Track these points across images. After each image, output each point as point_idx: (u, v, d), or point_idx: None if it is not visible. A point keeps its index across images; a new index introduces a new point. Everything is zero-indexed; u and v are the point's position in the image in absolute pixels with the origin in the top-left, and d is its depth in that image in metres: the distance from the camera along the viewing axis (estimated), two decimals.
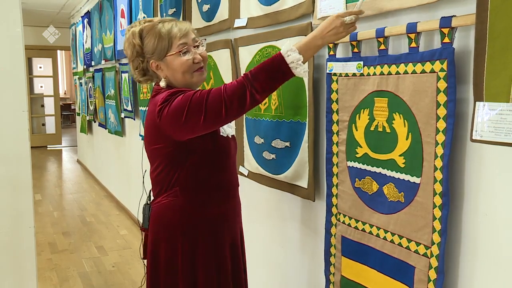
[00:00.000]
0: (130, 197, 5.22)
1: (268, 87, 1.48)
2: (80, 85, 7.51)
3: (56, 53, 10.89)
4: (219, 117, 1.49)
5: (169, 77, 1.68)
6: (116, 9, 4.87)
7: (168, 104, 1.55)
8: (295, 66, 1.46)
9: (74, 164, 8.82)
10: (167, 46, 1.63)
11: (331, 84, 1.77)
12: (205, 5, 2.77)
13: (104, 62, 5.54)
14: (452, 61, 1.33)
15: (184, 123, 1.53)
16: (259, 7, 2.21)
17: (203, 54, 1.70)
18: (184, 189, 1.69)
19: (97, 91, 6.10)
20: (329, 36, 1.47)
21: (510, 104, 1.16)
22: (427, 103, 1.41)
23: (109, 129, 5.62)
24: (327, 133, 1.82)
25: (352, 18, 1.46)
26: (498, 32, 1.17)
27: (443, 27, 1.34)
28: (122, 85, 4.80)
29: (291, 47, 1.47)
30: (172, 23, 1.65)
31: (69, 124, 14.62)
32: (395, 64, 1.51)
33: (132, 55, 1.70)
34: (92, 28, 6.21)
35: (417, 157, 1.45)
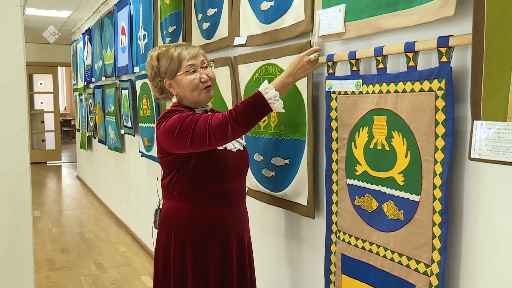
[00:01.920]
0: (130, 214, 5.20)
1: (248, 121, 1.68)
2: (80, 101, 7.54)
3: (57, 69, 10.96)
4: (203, 143, 1.70)
5: (179, 94, 1.89)
6: (116, 27, 4.91)
7: (165, 120, 1.78)
8: (273, 102, 1.66)
9: (73, 180, 8.81)
10: (177, 67, 1.85)
11: (330, 102, 1.79)
12: (205, 23, 2.79)
13: (105, 79, 5.57)
14: (450, 80, 1.34)
15: (174, 141, 1.75)
16: (259, 26, 2.23)
17: (210, 75, 1.89)
18: (181, 193, 1.88)
19: (97, 108, 6.12)
20: (298, 74, 1.71)
21: (507, 123, 1.17)
22: (426, 121, 1.41)
23: (109, 145, 5.63)
24: (326, 151, 1.83)
25: (315, 56, 1.69)
26: (494, 52, 1.18)
27: (441, 47, 1.35)
28: (122, 102, 4.82)
29: (268, 85, 1.68)
30: (183, 47, 1.88)
31: (69, 140, 14.63)
32: (393, 82, 1.52)
33: (151, 75, 1.94)
34: (93, 45, 6.25)
35: (416, 175, 1.46)
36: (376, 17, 1.57)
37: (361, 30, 1.64)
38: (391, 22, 1.52)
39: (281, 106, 1.68)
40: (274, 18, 2.10)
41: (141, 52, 4.06)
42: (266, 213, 2.41)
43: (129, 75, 4.61)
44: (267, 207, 2.35)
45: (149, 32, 3.83)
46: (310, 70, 1.72)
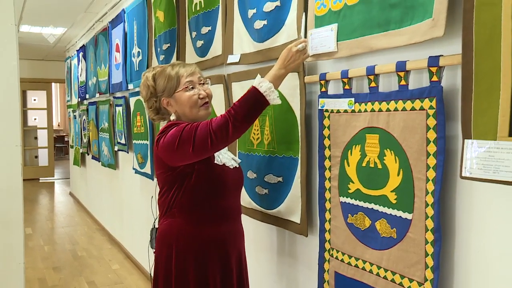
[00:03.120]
0: (123, 231, 5.17)
1: (248, 117, 1.69)
2: (74, 118, 7.53)
3: (51, 85, 10.95)
4: (206, 147, 1.69)
5: (178, 111, 1.90)
6: (111, 44, 4.94)
7: (164, 134, 1.78)
8: (269, 94, 1.68)
9: (66, 196, 8.76)
10: (175, 84, 1.87)
11: (323, 120, 1.80)
12: (199, 41, 2.81)
13: (99, 95, 5.58)
14: (440, 99, 1.36)
15: (176, 151, 1.74)
16: (252, 44, 2.25)
17: (208, 91, 1.92)
18: (181, 210, 1.86)
19: (91, 124, 6.12)
20: (289, 65, 1.74)
21: (497, 142, 1.18)
22: (417, 139, 1.43)
23: (103, 162, 5.61)
24: (319, 169, 1.83)
25: (303, 45, 1.74)
26: (483, 72, 1.20)
27: (431, 66, 1.37)
28: (116, 118, 4.82)
29: (261, 79, 1.71)
30: (180, 65, 1.91)
31: (62, 156, 14.57)
32: (385, 101, 1.53)
33: (146, 96, 1.94)
34: (87, 61, 6.27)
35: (408, 193, 1.46)
36: (367, 37, 1.59)
37: (353, 49, 1.66)
38: (382, 42, 1.54)
39: (277, 97, 1.70)
40: (267, 37, 2.12)
41: (135, 69, 4.08)
42: (260, 231, 2.41)
43: (123, 92, 4.61)
44: (261, 224, 2.34)
45: (143, 49, 3.85)
46: (300, 60, 1.76)
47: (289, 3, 1.97)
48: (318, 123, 1.82)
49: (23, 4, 5.33)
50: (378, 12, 1.54)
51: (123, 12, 4.45)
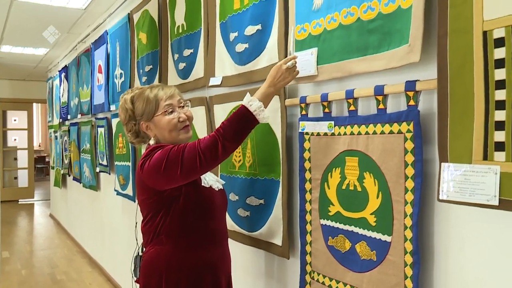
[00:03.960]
0: (104, 253, 5.09)
1: (237, 136, 1.64)
2: (55, 139, 7.46)
3: (32, 106, 10.85)
4: (194, 168, 1.63)
5: (157, 135, 1.84)
6: (93, 65, 4.93)
7: (149, 158, 1.71)
8: (258, 113, 1.64)
9: (46, 218, 8.62)
10: (154, 108, 1.81)
11: (304, 143, 1.81)
12: (181, 63, 2.83)
13: (80, 116, 5.55)
14: (418, 122, 1.38)
15: (163, 174, 1.66)
16: (234, 67, 2.27)
17: (188, 114, 1.87)
18: (169, 236, 1.78)
19: (72, 145, 6.06)
20: (278, 83, 1.70)
21: (472, 166, 1.21)
22: (396, 162, 1.45)
23: (84, 183, 5.55)
24: (300, 191, 1.84)
25: (293, 62, 1.69)
26: (457, 97, 1.23)
27: (408, 91, 1.40)
28: (98, 140, 4.79)
29: (251, 98, 1.67)
30: (159, 88, 1.85)
31: (43, 177, 14.36)
32: (364, 124, 1.56)
33: (125, 119, 1.89)
34: (69, 82, 6.24)
35: (387, 215, 1.48)
36: (346, 61, 1.62)
37: (332, 73, 1.69)
38: (361, 66, 1.57)
39: (266, 117, 1.66)
40: (249, 60, 2.14)
41: (118, 90, 4.07)
42: (242, 253, 2.39)
43: (105, 113, 4.60)
44: (243, 247, 2.33)
45: (126, 70, 3.86)
46: (289, 78, 1.71)
47: (270, 27, 2.00)
48: (299, 146, 1.84)
49: (4, 25, 5.31)
50: (357, 37, 1.58)
51: (106, 33, 4.47)
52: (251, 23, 2.10)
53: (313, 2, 1.76)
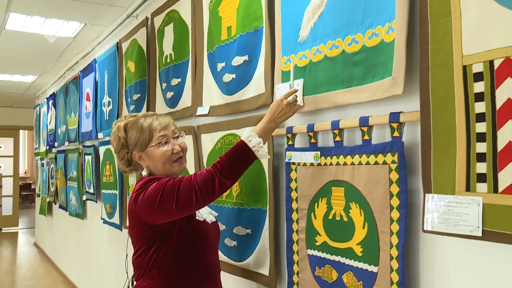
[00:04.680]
0: (90, 283, 5.01)
1: (235, 172, 1.60)
2: (42, 166, 7.39)
3: (18, 133, 10.77)
4: (190, 204, 1.58)
5: (150, 167, 1.79)
6: (81, 92, 4.94)
7: (144, 190, 1.65)
8: (257, 149, 1.60)
9: (30, 247, 8.47)
10: (148, 138, 1.76)
11: (290, 172, 1.82)
12: (169, 92, 2.85)
13: (68, 144, 5.52)
14: (402, 154, 1.40)
15: (157, 208, 1.60)
16: (221, 96, 2.29)
17: (182, 145, 1.81)
18: (162, 271, 1.72)
19: (59, 173, 6.01)
20: (279, 118, 1.66)
21: (455, 197, 1.22)
22: (381, 193, 1.46)
23: (70, 211, 5.49)
24: (287, 221, 1.84)
25: (293, 97, 1.66)
26: (440, 129, 1.26)
27: (392, 122, 1.42)
28: (85, 167, 4.76)
29: (250, 133, 1.62)
30: (153, 117, 1.79)
31: (28, 204, 14.17)
32: (350, 155, 1.57)
33: (117, 147, 1.82)
34: (57, 109, 6.23)
35: (373, 246, 1.48)
36: (332, 92, 1.65)
37: (318, 104, 1.71)
38: (346, 97, 1.60)
39: (266, 153, 1.63)
40: (236, 90, 2.17)
41: (106, 118, 4.08)
42: (229, 283, 2.37)
43: (92, 141, 4.58)
44: (230, 277, 2.31)
45: (114, 99, 3.87)
46: (290, 113, 1.67)
47: (257, 58, 2.03)
48: (286, 176, 1.85)
49: None
50: (342, 69, 1.61)
51: (94, 61, 4.49)
52: (238, 54, 2.13)
53: (298, 34, 1.80)
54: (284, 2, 1.88)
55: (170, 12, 2.89)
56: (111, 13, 4.01)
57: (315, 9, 1.73)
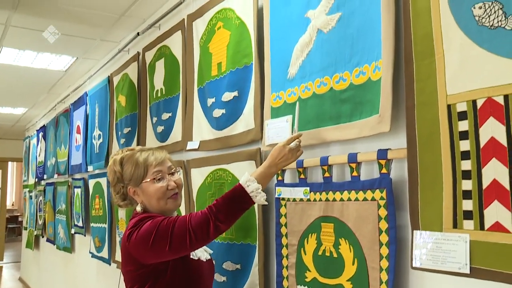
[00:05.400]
0: None
1: (231, 217, 1.56)
2: (30, 198, 7.32)
3: (7, 164, 10.71)
4: (183, 246, 1.54)
5: (144, 202, 1.74)
6: (72, 125, 4.94)
7: (137, 229, 1.61)
8: (255, 195, 1.55)
9: (15, 282, 8.29)
10: (142, 173, 1.72)
11: (280, 208, 1.83)
12: (159, 126, 2.86)
13: (57, 176, 5.49)
14: (390, 190, 1.42)
15: (150, 248, 1.57)
16: (211, 131, 2.31)
17: (178, 182, 1.77)
18: None
19: (47, 205, 5.95)
20: (280, 163, 1.61)
21: (443, 234, 1.23)
22: (370, 229, 1.47)
23: (58, 245, 5.41)
24: (277, 257, 1.84)
25: (296, 143, 1.60)
26: (426, 166, 1.28)
27: (380, 159, 1.44)
28: (74, 200, 4.73)
29: (249, 178, 1.57)
30: (149, 152, 1.76)
31: (14, 237, 13.91)
32: (339, 191, 1.59)
33: (113, 181, 1.79)
34: (47, 141, 6.22)
35: (363, 282, 1.48)
36: (321, 129, 1.67)
37: (307, 140, 1.73)
38: (334, 134, 1.62)
39: (264, 199, 1.57)
40: (226, 125, 2.19)
41: (96, 151, 4.07)
42: None
43: (82, 174, 4.56)
44: None
45: (104, 132, 3.87)
46: (292, 159, 1.61)
47: (247, 94, 2.06)
48: (275, 211, 1.85)
49: None
50: (330, 106, 1.64)
51: (85, 94, 4.51)
52: (228, 90, 2.16)
53: (287, 72, 1.83)
54: (274, 40, 1.93)
55: (161, 48, 2.93)
56: (103, 47, 4.06)
57: (303, 47, 1.77)
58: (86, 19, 3.40)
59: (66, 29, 3.58)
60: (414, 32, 1.33)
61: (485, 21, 1.16)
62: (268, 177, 1.62)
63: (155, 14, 3.22)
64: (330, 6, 1.65)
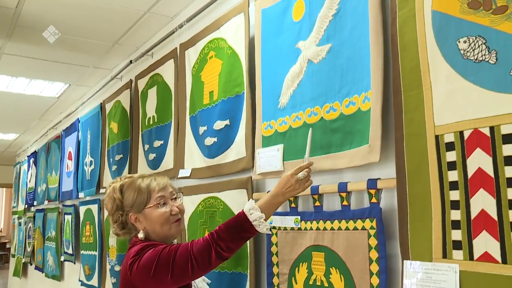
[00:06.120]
0: None
1: (233, 245, 1.52)
2: (19, 225, 7.23)
3: None
4: (185, 274, 1.52)
5: (147, 229, 1.70)
6: (63, 151, 4.93)
7: (139, 258, 1.58)
8: (258, 224, 1.51)
9: None
10: (146, 199, 1.68)
11: (271, 237, 1.83)
12: (151, 153, 2.87)
13: (47, 203, 5.44)
14: (380, 219, 1.42)
15: (152, 278, 1.53)
16: (203, 159, 2.32)
17: (180, 207, 1.74)
18: None
19: (37, 232, 5.89)
20: (288, 193, 1.55)
21: (433, 264, 1.24)
22: (361, 258, 1.47)
23: (46, 272, 5.33)
24: (268, 286, 1.83)
25: (304, 174, 1.53)
26: (416, 196, 1.29)
27: (370, 188, 1.46)
28: (64, 227, 4.68)
29: (253, 206, 1.53)
30: (151, 178, 1.73)
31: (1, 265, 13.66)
32: (329, 220, 1.59)
33: (112, 209, 1.74)
34: (38, 167, 6.18)
35: None
36: (311, 158, 1.68)
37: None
38: (325, 163, 1.63)
39: (267, 229, 1.52)
40: (217, 153, 2.20)
41: (87, 178, 4.06)
42: None
43: (73, 200, 4.53)
44: None
45: (96, 158, 3.87)
46: (300, 189, 1.55)
47: (238, 123, 2.08)
48: (266, 240, 1.85)
49: None
50: (321, 136, 1.65)
51: (77, 121, 4.51)
52: (220, 118, 2.18)
53: (278, 101, 1.85)
54: (265, 70, 1.95)
55: (154, 76, 2.96)
56: (96, 74, 4.09)
57: (294, 77, 1.80)
58: (80, 47, 3.43)
59: (60, 56, 3.60)
60: (402, 64, 1.36)
61: (470, 55, 1.19)
62: (273, 206, 1.57)
63: (148, 42, 3.26)
64: (320, 37, 1.69)
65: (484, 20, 1.17)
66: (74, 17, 2.89)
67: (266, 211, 1.54)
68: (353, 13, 1.56)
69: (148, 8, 2.81)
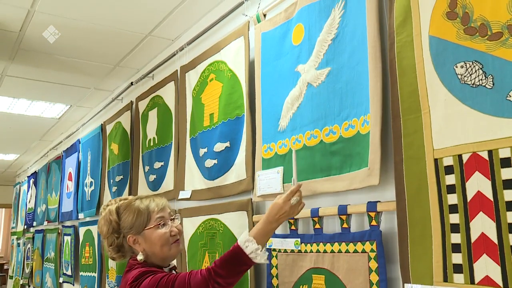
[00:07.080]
0: None
1: (231, 279, 1.50)
2: (18, 246, 7.19)
3: None
4: None
5: (146, 250, 1.68)
6: (64, 172, 4.93)
7: (137, 285, 1.56)
8: (255, 256, 1.49)
9: None
10: (145, 220, 1.67)
11: (271, 259, 1.82)
12: (151, 175, 2.87)
13: (47, 223, 5.43)
14: (380, 242, 1.42)
15: None
16: (203, 181, 2.32)
17: (179, 227, 1.74)
18: None
19: (35, 253, 5.85)
20: (281, 219, 1.54)
21: (434, 287, 1.24)
22: (361, 281, 1.47)
23: None
24: None
25: (297, 198, 1.52)
26: (416, 220, 1.29)
27: (370, 211, 1.46)
28: (64, 248, 4.66)
29: (247, 237, 1.51)
30: (149, 199, 1.72)
31: None
32: (329, 242, 1.59)
33: (107, 232, 1.72)
34: (38, 188, 6.18)
35: None
36: (311, 180, 1.69)
37: None
38: (325, 186, 1.64)
39: (264, 260, 1.50)
40: (218, 175, 2.20)
41: (87, 199, 4.05)
42: None
43: (73, 221, 4.52)
44: None
45: (96, 179, 3.87)
46: (294, 214, 1.55)
47: (238, 145, 2.09)
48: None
49: None
50: (320, 158, 1.66)
51: (78, 142, 4.53)
52: (220, 140, 2.19)
53: (278, 124, 1.87)
54: (265, 92, 1.97)
55: (155, 97, 2.98)
56: (97, 96, 4.12)
57: (294, 100, 1.81)
58: (81, 69, 3.46)
59: (61, 78, 3.63)
60: (401, 88, 1.37)
61: (467, 79, 1.21)
62: (268, 234, 1.55)
63: (149, 64, 3.29)
64: (320, 61, 1.71)
65: (480, 46, 1.19)
66: (76, 39, 2.93)
67: (261, 241, 1.52)
68: (352, 37, 1.59)
69: (149, 31, 2.84)
